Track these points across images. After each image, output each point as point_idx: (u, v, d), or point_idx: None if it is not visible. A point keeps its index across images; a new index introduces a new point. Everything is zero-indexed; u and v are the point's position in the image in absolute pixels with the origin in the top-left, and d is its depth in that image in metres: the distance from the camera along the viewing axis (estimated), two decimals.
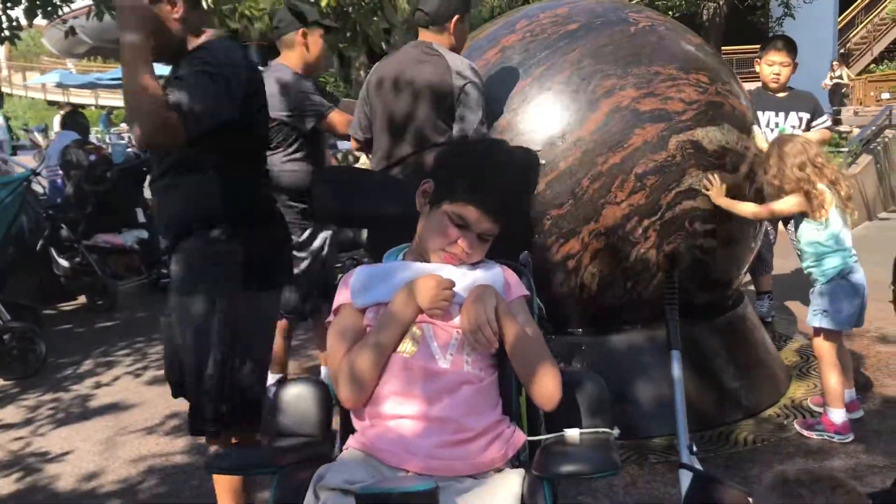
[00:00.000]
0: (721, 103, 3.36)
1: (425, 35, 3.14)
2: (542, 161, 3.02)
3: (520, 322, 1.70)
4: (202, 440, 2.65)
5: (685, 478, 1.40)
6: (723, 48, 10.74)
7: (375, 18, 7.72)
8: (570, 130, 3.15)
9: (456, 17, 3.09)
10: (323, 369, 3.97)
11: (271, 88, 3.56)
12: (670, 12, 10.20)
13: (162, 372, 4.51)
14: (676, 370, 1.69)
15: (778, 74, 4.40)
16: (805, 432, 3.26)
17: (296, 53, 3.63)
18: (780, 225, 4.64)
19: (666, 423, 2.95)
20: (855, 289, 3.13)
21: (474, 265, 1.79)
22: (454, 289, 1.68)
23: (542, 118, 3.20)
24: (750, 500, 1.29)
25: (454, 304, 1.69)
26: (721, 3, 8.72)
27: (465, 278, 1.73)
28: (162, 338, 2.86)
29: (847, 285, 3.12)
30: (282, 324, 3.74)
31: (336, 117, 3.57)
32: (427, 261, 1.78)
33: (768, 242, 4.57)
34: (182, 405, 3.92)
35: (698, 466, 1.46)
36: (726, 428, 3.33)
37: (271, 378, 3.88)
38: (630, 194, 3.12)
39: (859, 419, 3.32)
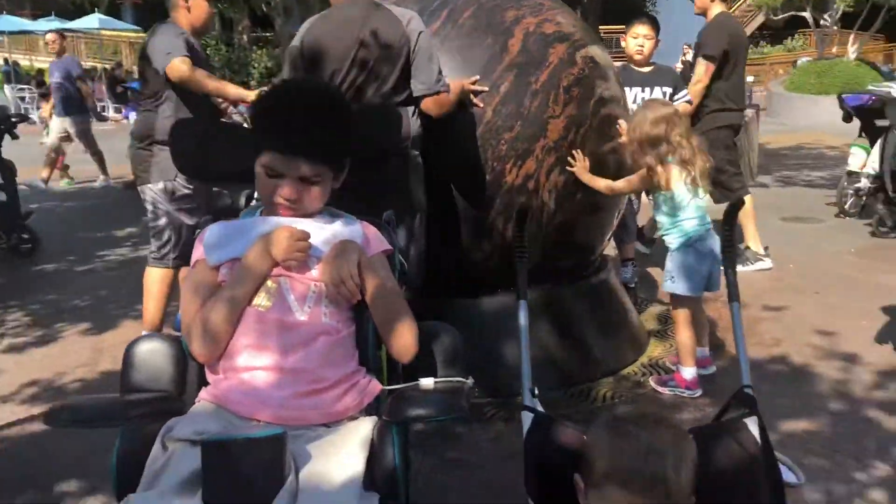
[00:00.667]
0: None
1: None
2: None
3: (380, 276, 1.73)
4: None
5: (527, 419, 1.47)
6: (600, 27, 11.07)
7: None
8: (498, 55, 3.29)
9: None
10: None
11: (154, 38, 3.64)
12: None
13: (21, 339, 4.33)
14: (522, 319, 1.76)
15: (642, 46, 4.59)
16: (659, 388, 3.47)
17: (180, 15, 3.72)
18: (644, 195, 4.85)
19: (535, 382, 3.08)
20: (704, 255, 3.30)
21: (332, 219, 1.80)
22: (312, 242, 1.69)
23: (471, 50, 3.30)
24: (585, 437, 1.38)
25: (311, 257, 1.70)
26: None
27: (322, 231, 1.74)
28: None
29: (697, 252, 3.31)
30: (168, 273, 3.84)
31: (178, 63, 3.52)
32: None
33: (632, 211, 4.79)
34: (41, 374, 3.80)
35: (540, 409, 1.53)
36: (587, 385, 3.50)
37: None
38: (564, 106, 3.32)
39: (711, 375, 3.55)
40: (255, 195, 2.02)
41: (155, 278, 3.87)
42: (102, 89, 19.90)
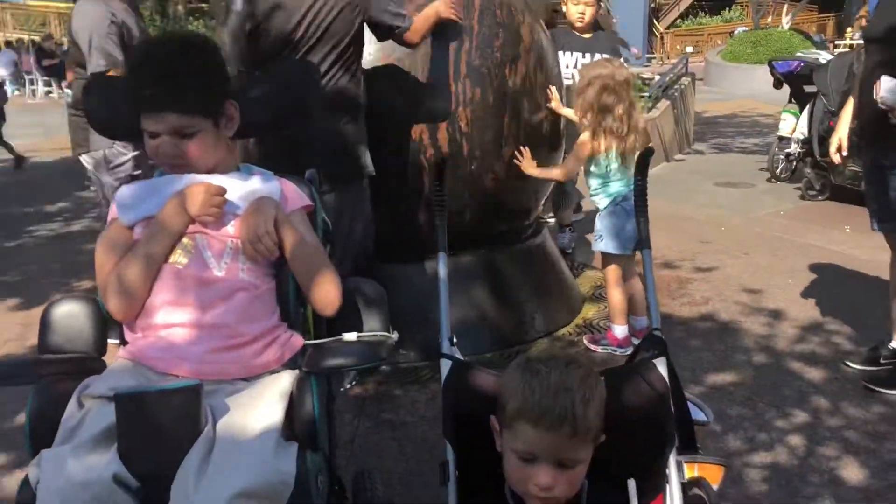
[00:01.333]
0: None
1: None
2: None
3: (299, 232, 1.73)
4: None
5: (445, 366, 1.49)
6: None
7: None
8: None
9: None
10: None
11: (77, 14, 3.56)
12: None
13: None
14: (442, 271, 1.78)
15: (583, 13, 4.62)
16: (592, 346, 3.54)
17: None
18: None
19: (470, 344, 3.11)
20: (629, 213, 3.34)
21: (249, 176, 1.78)
22: (228, 198, 1.68)
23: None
24: (498, 378, 1.41)
25: (228, 213, 1.69)
26: None
27: (239, 188, 1.72)
28: None
29: (624, 210, 3.37)
30: None
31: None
32: None
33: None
34: None
35: (458, 356, 1.56)
36: (523, 346, 3.56)
37: None
38: (494, 67, 3.33)
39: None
40: None
41: None
42: (31, 62, 19.22)
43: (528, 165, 3.41)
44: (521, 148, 3.42)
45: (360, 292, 1.77)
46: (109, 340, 1.74)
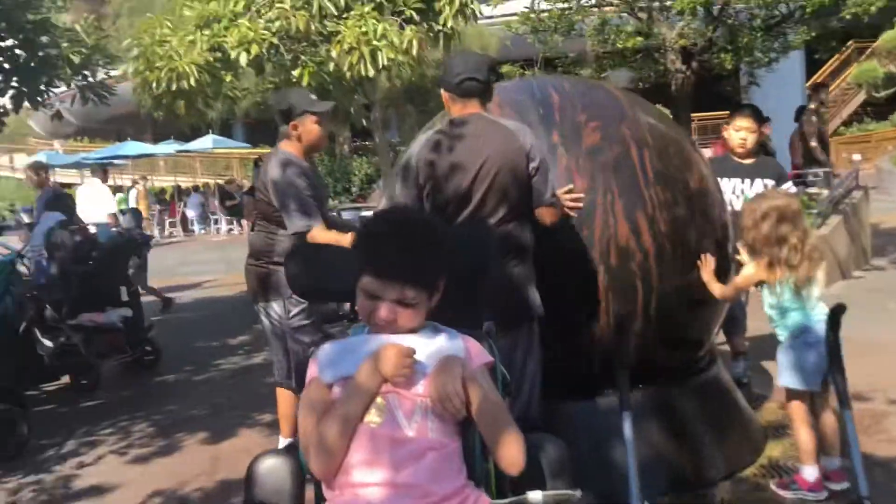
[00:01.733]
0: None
1: (471, 106, 3.05)
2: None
3: (484, 389, 1.78)
4: None
5: None
6: (693, 115, 11.09)
7: (356, 97, 8.01)
8: (594, 161, 3.36)
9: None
10: (280, 439, 4.07)
11: (271, 171, 3.70)
12: (640, 83, 10.57)
13: (146, 450, 4.55)
14: (627, 430, 1.76)
15: (745, 139, 4.59)
16: (780, 491, 3.31)
17: (292, 142, 3.81)
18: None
19: (646, 487, 3.00)
20: (812, 346, 3.17)
21: (435, 334, 1.87)
22: (417, 357, 1.77)
23: (567, 158, 3.37)
24: None
25: (417, 373, 1.77)
26: (688, 74, 9.07)
27: (426, 347, 1.81)
28: None
29: (806, 343, 3.19)
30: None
31: (317, 233, 3.57)
32: None
33: (740, 303, 4.68)
34: (164, 483, 3.97)
35: None
36: (704, 491, 3.37)
37: (283, 442, 3.99)
38: (658, 205, 3.37)
39: (844, 490, 3.23)
40: None
41: (284, 398, 3.99)
42: (214, 204, 21.12)
43: (707, 273, 3.37)
44: (703, 256, 3.39)
45: (543, 449, 1.78)
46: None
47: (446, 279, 1.89)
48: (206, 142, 22.20)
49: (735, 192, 4.54)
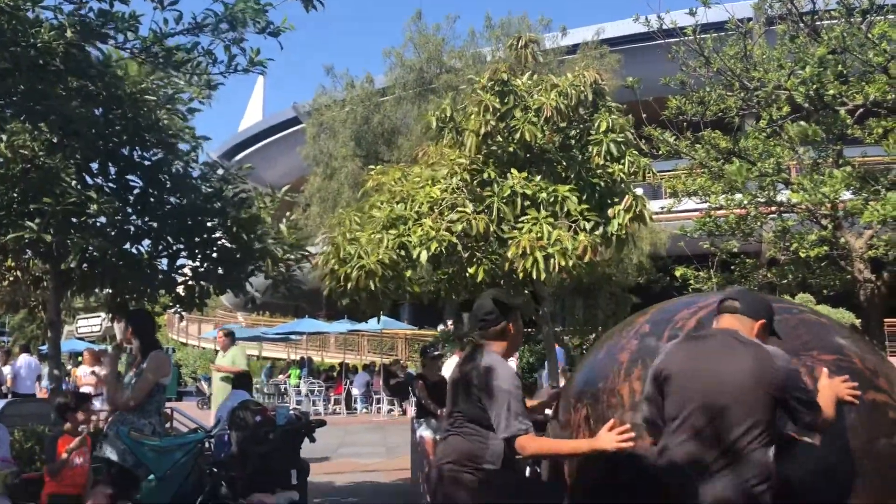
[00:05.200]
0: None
1: (728, 321, 3.13)
2: None
3: None
4: None
5: None
6: (885, 320, 10.36)
7: (526, 290, 8.21)
8: None
9: (762, 321, 3.12)
10: None
11: (496, 378, 3.54)
12: (825, 290, 10.09)
13: None
14: None
15: None
16: None
17: (500, 343, 3.72)
18: None
19: None
20: None
21: None
22: None
23: None
24: None
25: None
26: (878, 284, 8.60)
27: None
28: None
29: None
30: None
31: (525, 441, 3.45)
32: None
33: None
34: None
35: None
36: None
37: None
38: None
39: None
40: None
41: None
42: (378, 382, 21.55)
43: None
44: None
45: None
46: None
47: None
48: (374, 322, 23.05)
49: None
